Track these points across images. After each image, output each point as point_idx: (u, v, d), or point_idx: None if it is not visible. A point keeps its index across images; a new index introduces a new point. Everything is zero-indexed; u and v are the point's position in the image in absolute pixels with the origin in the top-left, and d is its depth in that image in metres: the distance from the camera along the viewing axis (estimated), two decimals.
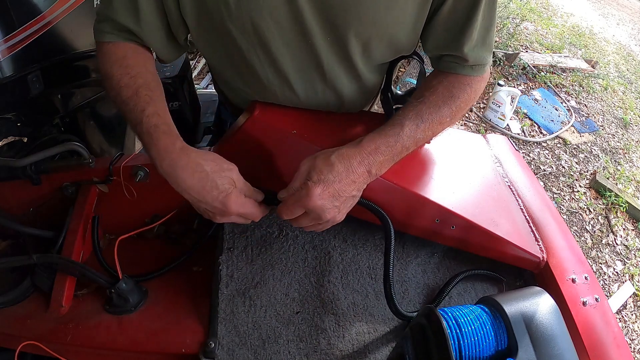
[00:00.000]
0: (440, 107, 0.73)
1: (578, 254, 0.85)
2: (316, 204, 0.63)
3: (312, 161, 0.65)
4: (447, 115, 0.74)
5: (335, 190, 0.64)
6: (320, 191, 0.62)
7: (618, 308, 2.43)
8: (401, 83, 3.46)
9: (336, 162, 0.64)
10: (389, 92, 0.89)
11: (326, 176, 0.63)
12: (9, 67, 0.93)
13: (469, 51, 0.74)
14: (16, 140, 1.00)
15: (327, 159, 0.65)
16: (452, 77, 0.78)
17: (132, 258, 0.79)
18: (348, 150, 0.66)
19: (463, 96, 0.76)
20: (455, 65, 0.77)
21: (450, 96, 0.75)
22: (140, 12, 0.71)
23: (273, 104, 0.85)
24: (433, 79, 0.79)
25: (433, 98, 0.74)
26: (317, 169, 0.64)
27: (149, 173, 0.83)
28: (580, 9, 6.50)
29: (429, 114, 0.72)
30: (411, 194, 0.76)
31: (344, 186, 0.64)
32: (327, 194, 0.63)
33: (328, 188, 0.63)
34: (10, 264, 0.74)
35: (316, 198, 0.62)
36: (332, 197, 0.64)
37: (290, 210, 0.65)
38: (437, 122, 0.73)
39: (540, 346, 0.57)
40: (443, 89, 0.75)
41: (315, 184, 0.63)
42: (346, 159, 0.65)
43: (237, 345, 0.69)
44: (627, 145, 3.75)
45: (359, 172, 0.66)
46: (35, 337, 0.71)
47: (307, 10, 0.68)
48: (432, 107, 0.73)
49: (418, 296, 0.79)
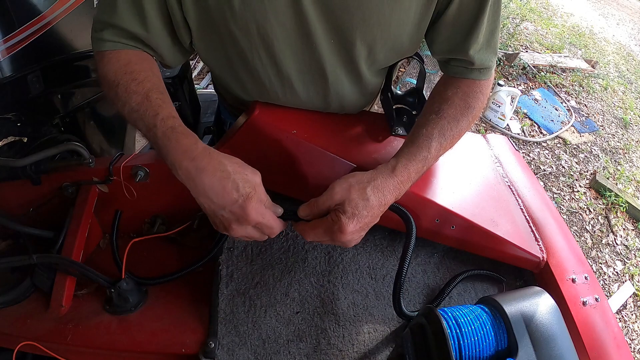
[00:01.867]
0: (460, 121, 0.73)
1: (578, 254, 0.85)
2: (347, 239, 0.63)
3: (346, 192, 0.62)
4: (465, 127, 0.75)
5: (366, 224, 0.64)
6: (353, 227, 0.62)
7: (618, 308, 2.43)
8: (401, 83, 3.46)
9: (372, 197, 0.63)
10: (389, 92, 0.90)
11: (361, 212, 0.62)
12: (9, 67, 0.93)
13: (475, 54, 0.74)
14: (16, 140, 1.00)
15: (363, 193, 0.63)
16: (464, 85, 0.77)
17: (132, 258, 0.79)
18: (383, 181, 0.65)
19: (478, 105, 0.76)
20: (463, 70, 0.78)
21: (467, 107, 0.75)
22: (146, 17, 0.70)
23: (273, 104, 0.85)
24: (447, 89, 0.78)
25: (452, 112, 0.73)
26: (353, 203, 0.62)
27: (149, 173, 0.83)
28: (580, 9, 6.50)
29: (450, 129, 0.72)
30: (411, 193, 0.76)
31: (373, 219, 0.64)
32: (358, 228, 0.63)
33: (360, 223, 0.62)
34: (10, 264, 0.74)
35: (348, 234, 0.62)
36: (361, 230, 0.64)
37: (318, 237, 0.64)
38: (457, 136, 0.74)
39: (540, 346, 0.57)
40: (459, 100, 0.75)
41: (349, 219, 0.61)
42: (381, 191, 0.64)
43: (237, 345, 0.69)
44: (627, 145, 3.75)
45: (388, 203, 0.66)
46: (35, 337, 0.72)
47: (312, 12, 0.68)
48: (452, 122, 0.73)
49: (418, 296, 0.79)
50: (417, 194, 0.76)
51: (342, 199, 0.62)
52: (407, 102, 0.91)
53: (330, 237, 0.63)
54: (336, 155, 0.77)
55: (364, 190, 0.63)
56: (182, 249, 0.87)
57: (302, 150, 0.78)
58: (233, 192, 0.60)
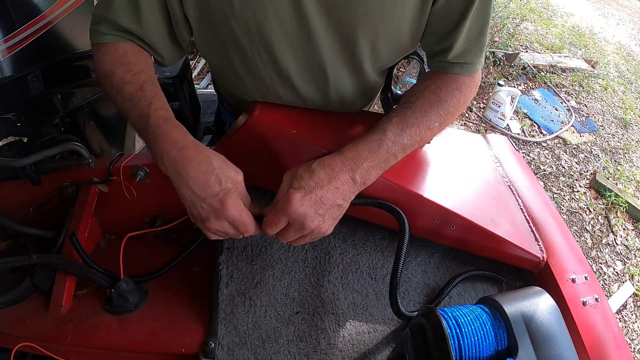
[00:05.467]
0: (427, 112, 0.72)
1: (578, 254, 0.85)
2: (298, 211, 0.61)
3: (293, 171, 0.64)
4: (436, 120, 0.73)
5: (318, 197, 0.62)
6: (301, 197, 0.61)
7: (618, 308, 2.43)
8: (401, 83, 3.46)
9: (317, 169, 0.63)
10: (389, 92, 0.90)
11: (307, 182, 0.62)
12: (9, 67, 0.93)
13: (460, 47, 0.74)
14: (16, 140, 1.00)
15: (308, 167, 0.64)
16: (441, 80, 0.77)
17: (132, 258, 0.79)
18: (330, 158, 0.65)
19: (452, 100, 0.75)
20: (445, 64, 0.77)
21: (437, 100, 0.74)
22: (141, 13, 0.71)
23: (273, 104, 0.85)
24: (421, 83, 0.78)
25: (419, 102, 0.73)
26: (298, 176, 0.63)
27: (149, 173, 0.83)
28: (580, 9, 6.49)
29: (415, 118, 0.71)
30: (411, 193, 0.76)
31: (326, 193, 0.63)
32: (308, 200, 0.61)
33: (309, 194, 0.61)
34: (10, 264, 0.74)
35: (297, 204, 0.61)
36: (314, 204, 0.62)
37: (274, 222, 0.63)
38: (425, 127, 0.72)
39: (540, 346, 0.57)
40: (430, 93, 0.74)
41: (295, 190, 0.61)
42: (327, 165, 0.64)
43: (237, 345, 0.69)
44: (627, 145, 3.75)
45: (343, 179, 0.64)
46: (35, 337, 0.72)
47: (312, 10, 0.68)
48: (418, 112, 0.71)
49: (418, 296, 0.79)
50: (417, 193, 0.76)
51: (290, 178, 0.64)
52: None
53: (283, 213, 0.62)
54: None
55: (309, 166, 0.64)
56: (182, 249, 0.87)
57: (302, 150, 0.78)
58: (215, 186, 0.60)
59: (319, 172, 0.63)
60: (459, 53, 0.75)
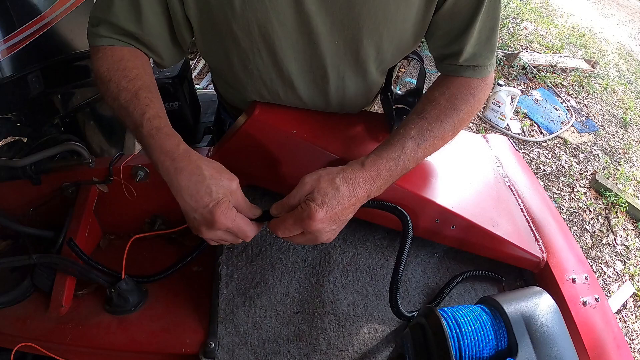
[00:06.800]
0: (442, 122, 0.72)
1: (578, 254, 0.85)
2: (317, 227, 0.61)
3: (316, 181, 0.62)
4: (449, 129, 0.73)
5: (336, 215, 0.62)
6: (323, 215, 0.61)
7: (618, 308, 2.43)
8: (401, 83, 3.46)
9: (341, 187, 0.62)
10: (389, 92, 0.90)
11: (330, 200, 0.61)
12: (9, 67, 0.93)
13: (471, 49, 0.73)
14: (16, 140, 1.00)
15: (332, 182, 0.62)
16: (455, 85, 0.76)
17: (132, 257, 0.79)
18: (352, 171, 0.65)
19: (466, 108, 0.74)
20: (456, 68, 0.76)
21: (453, 109, 0.73)
22: (142, 14, 0.71)
23: (273, 104, 0.85)
24: (435, 89, 0.77)
25: (435, 112, 0.72)
26: (322, 191, 0.61)
27: (149, 173, 0.83)
28: (580, 9, 6.49)
29: (431, 130, 0.70)
30: (411, 194, 0.76)
31: (344, 210, 0.63)
32: (329, 218, 0.61)
33: (330, 212, 0.61)
34: (10, 264, 0.74)
35: (318, 222, 0.61)
36: (332, 221, 0.62)
37: (289, 229, 0.63)
38: (438, 138, 0.72)
39: (540, 346, 0.57)
40: (445, 101, 0.73)
41: (318, 207, 0.61)
42: (350, 182, 0.63)
43: (237, 345, 0.69)
44: (627, 145, 3.75)
45: (360, 197, 0.64)
46: (35, 337, 0.72)
47: (314, 12, 0.68)
48: (434, 123, 0.71)
49: (418, 296, 0.79)
50: (417, 194, 0.76)
51: (311, 188, 0.62)
52: (407, 102, 0.91)
53: (300, 226, 0.62)
54: (336, 155, 0.77)
55: (333, 180, 0.63)
56: (182, 249, 0.87)
57: (302, 150, 0.78)
58: (205, 197, 0.60)
59: (342, 190, 0.62)
60: (470, 56, 0.74)
